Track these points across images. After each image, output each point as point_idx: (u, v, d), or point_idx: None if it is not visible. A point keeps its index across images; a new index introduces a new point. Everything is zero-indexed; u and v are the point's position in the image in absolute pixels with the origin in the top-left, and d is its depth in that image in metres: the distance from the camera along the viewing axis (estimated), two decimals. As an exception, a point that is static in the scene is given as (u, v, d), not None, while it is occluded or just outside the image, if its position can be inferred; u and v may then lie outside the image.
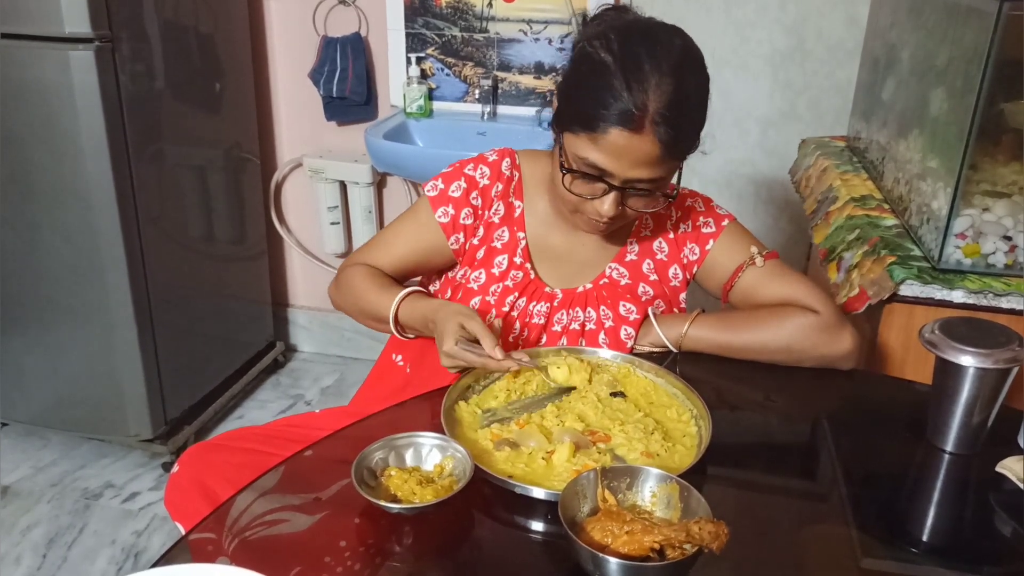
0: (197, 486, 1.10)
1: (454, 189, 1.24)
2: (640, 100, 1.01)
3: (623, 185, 1.08)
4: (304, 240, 2.77)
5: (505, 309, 1.22)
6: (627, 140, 1.03)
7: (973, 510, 0.95)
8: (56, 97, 1.86)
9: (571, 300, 1.25)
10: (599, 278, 1.26)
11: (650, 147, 1.03)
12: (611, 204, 1.09)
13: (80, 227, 1.97)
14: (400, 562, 0.82)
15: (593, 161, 1.06)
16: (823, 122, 2.28)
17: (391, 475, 0.89)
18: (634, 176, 1.06)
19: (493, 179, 1.24)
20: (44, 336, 2.13)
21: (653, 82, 1.02)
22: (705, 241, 1.27)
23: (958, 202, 1.31)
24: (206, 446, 1.19)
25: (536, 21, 2.31)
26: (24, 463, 2.26)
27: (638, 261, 1.27)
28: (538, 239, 1.26)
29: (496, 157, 1.26)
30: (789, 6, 2.20)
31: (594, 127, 1.04)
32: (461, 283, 1.26)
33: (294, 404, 2.62)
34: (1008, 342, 0.96)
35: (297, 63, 2.52)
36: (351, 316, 1.30)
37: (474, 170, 1.25)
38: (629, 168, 1.05)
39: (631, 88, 1.02)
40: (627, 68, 1.02)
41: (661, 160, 1.05)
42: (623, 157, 1.04)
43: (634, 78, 1.02)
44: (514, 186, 1.26)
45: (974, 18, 1.29)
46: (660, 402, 1.07)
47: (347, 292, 1.27)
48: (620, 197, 1.09)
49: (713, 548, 0.73)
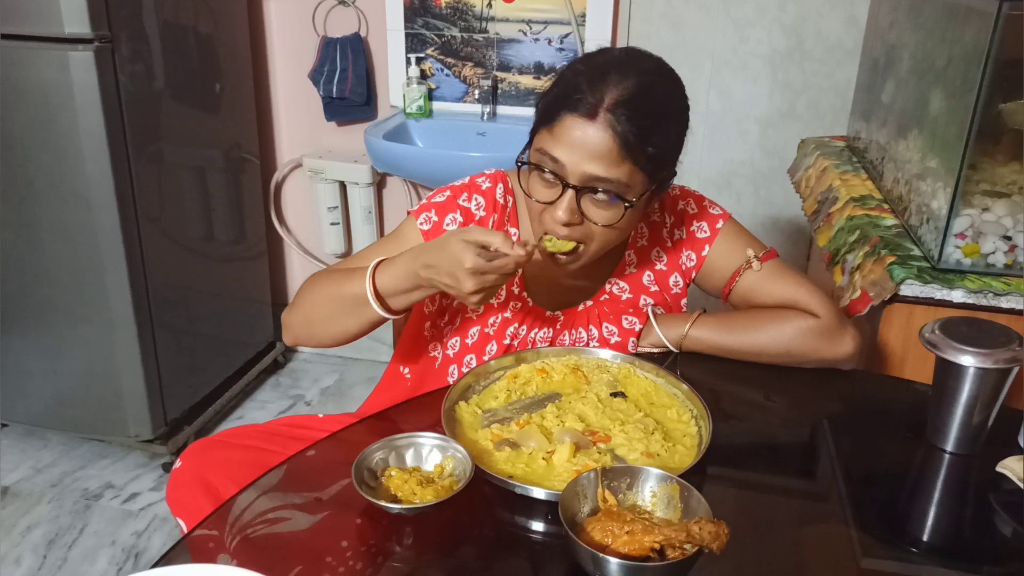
0: (199, 482, 1.10)
1: (448, 223, 1.19)
2: (598, 92, 1.02)
3: (580, 183, 1.04)
4: (304, 240, 2.77)
5: (506, 342, 1.21)
6: (581, 128, 1.02)
7: (973, 510, 0.95)
8: (56, 97, 1.86)
9: (573, 320, 1.24)
10: (599, 294, 1.25)
11: (603, 137, 1.01)
12: (566, 207, 1.05)
13: (80, 227, 1.97)
14: (401, 562, 0.82)
15: (547, 150, 1.05)
16: (822, 122, 2.28)
17: (391, 475, 0.89)
18: (589, 171, 1.03)
19: (489, 210, 1.21)
20: (44, 336, 2.13)
21: (613, 80, 1.02)
22: (701, 247, 1.25)
23: (958, 202, 1.31)
24: (208, 442, 1.19)
25: (536, 21, 2.31)
26: (24, 464, 2.27)
27: (638, 273, 1.26)
28: (533, 266, 1.18)
29: (489, 184, 1.22)
30: (788, 6, 2.20)
31: (551, 119, 1.04)
32: (459, 311, 1.24)
33: (294, 404, 2.62)
34: (1008, 342, 0.96)
35: (297, 63, 2.52)
36: (314, 332, 1.17)
37: (468, 201, 1.21)
38: (583, 160, 1.02)
39: (592, 83, 1.03)
40: (594, 72, 1.04)
41: (618, 156, 1.02)
42: (576, 147, 1.02)
43: (598, 76, 1.03)
44: (508, 213, 1.23)
45: (974, 18, 1.29)
46: (660, 402, 1.07)
47: (305, 301, 1.17)
48: (576, 200, 1.05)
49: (713, 548, 0.73)
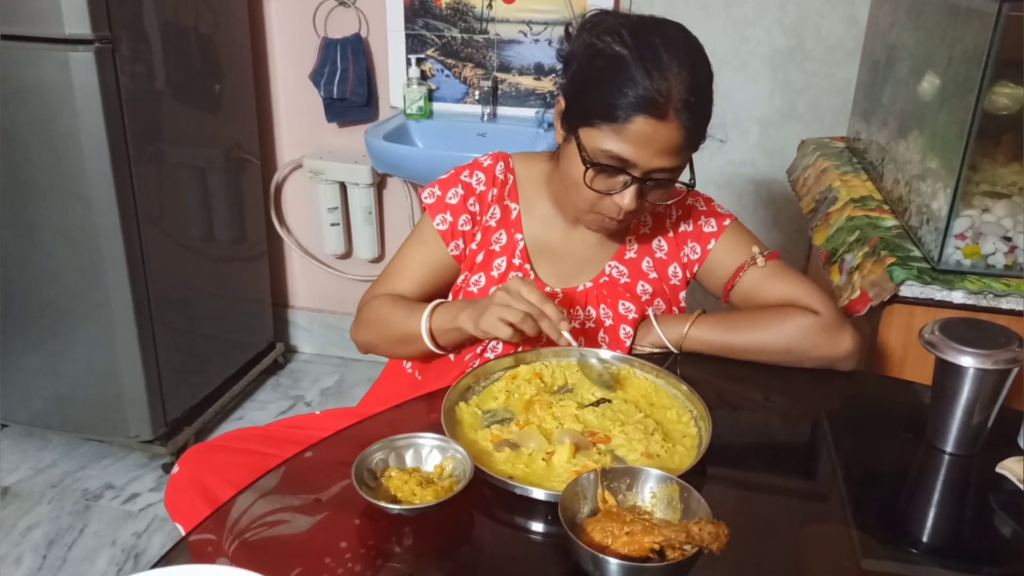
0: (197, 487, 1.10)
1: (451, 196, 1.24)
2: (664, 87, 1.02)
3: (644, 176, 1.08)
4: (304, 241, 2.77)
5: None
6: (652, 128, 1.03)
7: (973, 510, 0.95)
8: (56, 98, 1.86)
9: (571, 299, 1.25)
10: (599, 276, 1.26)
11: (674, 134, 1.04)
12: (632, 197, 1.09)
13: (80, 228, 1.97)
14: (400, 563, 0.82)
15: (616, 153, 1.06)
16: (823, 122, 2.28)
17: (391, 476, 0.89)
18: (657, 165, 1.06)
19: (488, 184, 1.25)
20: (44, 337, 2.13)
21: (673, 70, 1.03)
22: (707, 240, 1.27)
23: (958, 203, 1.31)
24: (206, 447, 1.19)
25: (536, 22, 2.31)
26: (24, 464, 2.27)
27: (637, 259, 1.27)
28: (536, 239, 1.26)
29: (491, 162, 1.26)
30: (789, 6, 2.20)
31: (616, 117, 1.04)
32: (461, 286, 1.26)
33: (294, 405, 2.62)
34: (1008, 343, 0.96)
35: (297, 64, 2.52)
36: (380, 351, 1.27)
37: (470, 176, 1.25)
38: (653, 157, 1.05)
39: (652, 76, 1.02)
40: (646, 58, 1.03)
41: (682, 148, 1.06)
42: (648, 146, 1.04)
43: (655, 67, 1.02)
44: (509, 189, 1.26)
45: (974, 19, 1.29)
46: (661, 403, 1.07)
47: (372, 325, 1.25)
48: (640, 190, 1.09)
49: (713, 549, 0.73)
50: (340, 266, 2.76)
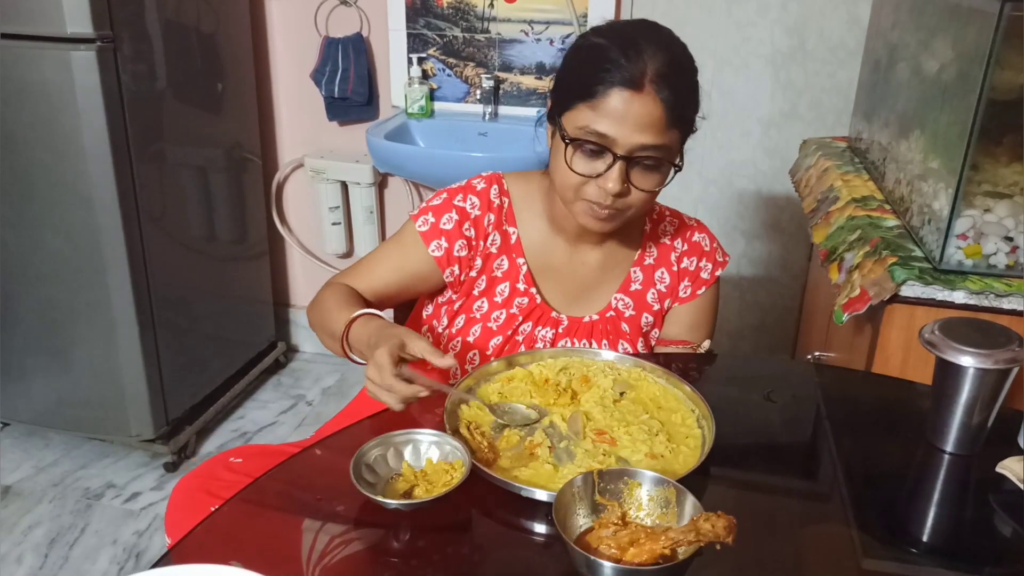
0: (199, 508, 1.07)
1: (445, 222, 1.21)
2: (639, 63, 1.04)
3: (628, 154, 1.06)
4: (305, 240, 2.77)
5: (511, 334, 1.23)
6: (628, 101, 1.03)
7: (973, 510, 0.95)
8: (58, 97, 1.86)
9: (576, 329, 1.25)
10: (605, 310, 1.27)
11: (652, 107, 1.04)
12: (616, 179, 1.07)
13: (82, 227, 1.97)
14: (399, 558, 0.82)
15: (594, 128, 1.06)
16: (824, 122, 2.28)
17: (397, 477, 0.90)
18: (637, 142, 1.05)
19: (484, 209, 1.23)
20: (45, 336, 2.13)
21: (650, 51, 1.04)
22: (699, 287, 1.31)
23: (959, 203, 1.31)
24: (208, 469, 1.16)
25: (537, 22, 2.31)
26: (26, 463, 2.27)
27: (642, 291, 1.29)
28: (538, 261, 1.25)
29: (484, 185, 1.24)
30: (790, 6, 2.20)
31: (593, 93, 1.05)
32: (460, 312, 1.26)
33: (295, 404, 2.62)
34: (1008, 343, 0.96)
35: (298, 63, 2.52)
36: (319, 336, 1.22)
37: (463, 201, 1.23)
38: (633, 132, 1.05)
39: (628, 56, 1.04)
40: (623, 43, 1.05)
41: (664, 124, 1.05)
42: (626, 120, 1.04)
43: (631, 48, 1.04)
44: (505, 213, 1.24)
45: (976, 19, 1.29)
46: (668, 406, 1.06)
47: (317, 308, 1.23)
48: (625, 170, 1.08)
49: (729, 541, 0.73)
50: (341, 265, 2.76)
